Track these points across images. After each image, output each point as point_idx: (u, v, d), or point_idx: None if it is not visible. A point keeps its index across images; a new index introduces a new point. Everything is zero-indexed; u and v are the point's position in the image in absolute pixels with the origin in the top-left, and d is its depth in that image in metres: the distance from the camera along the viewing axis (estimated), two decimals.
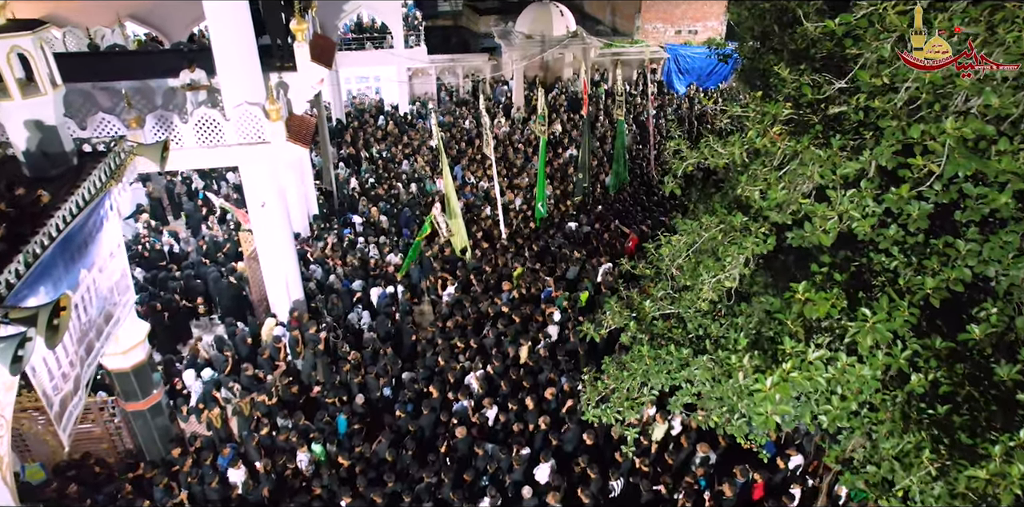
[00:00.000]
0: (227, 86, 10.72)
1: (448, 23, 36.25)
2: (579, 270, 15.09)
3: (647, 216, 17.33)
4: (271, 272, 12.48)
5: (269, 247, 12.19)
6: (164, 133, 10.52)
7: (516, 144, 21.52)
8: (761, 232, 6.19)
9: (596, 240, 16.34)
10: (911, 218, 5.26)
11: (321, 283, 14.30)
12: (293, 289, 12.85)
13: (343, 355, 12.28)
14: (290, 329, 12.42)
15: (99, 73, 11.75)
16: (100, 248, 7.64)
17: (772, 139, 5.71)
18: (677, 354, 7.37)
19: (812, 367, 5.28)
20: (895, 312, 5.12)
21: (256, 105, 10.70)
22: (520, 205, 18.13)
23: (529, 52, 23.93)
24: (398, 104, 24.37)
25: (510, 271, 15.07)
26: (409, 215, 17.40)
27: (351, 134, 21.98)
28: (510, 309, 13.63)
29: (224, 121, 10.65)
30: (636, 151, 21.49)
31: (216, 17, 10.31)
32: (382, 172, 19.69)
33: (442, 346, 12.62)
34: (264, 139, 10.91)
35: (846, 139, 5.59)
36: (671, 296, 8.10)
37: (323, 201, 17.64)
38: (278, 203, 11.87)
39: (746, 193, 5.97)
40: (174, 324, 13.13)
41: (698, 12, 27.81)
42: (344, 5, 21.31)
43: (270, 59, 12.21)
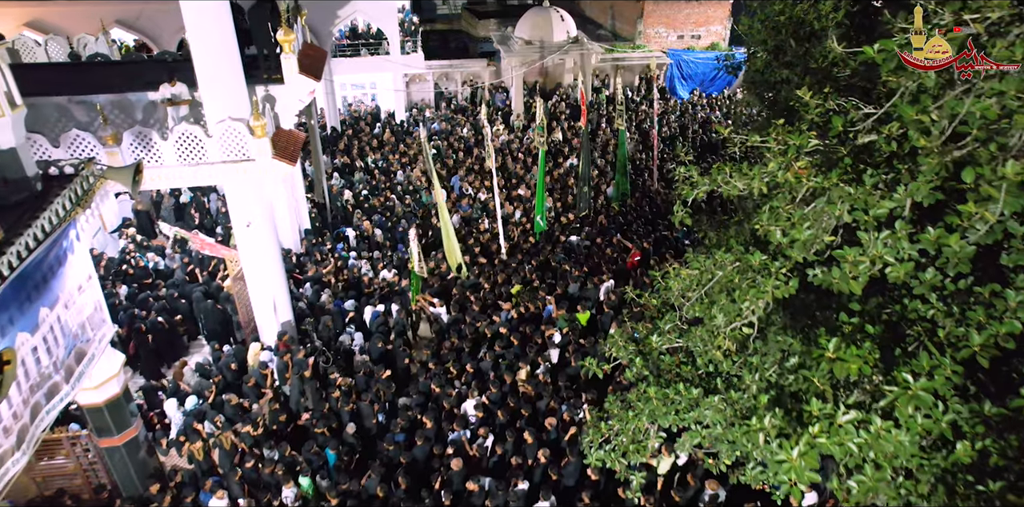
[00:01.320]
0: (209, 101, 10.16)
1: (446, 27, 35.72)
2: (580, 288, 14.54)
3: (650, 230, 16.77)
4: (258, 294, 11.92)
5: (255, 269, 11.63)
6: (143, 151, 9.97)
7: (515, 153, 20.95)
8: (781, 273, 5.63)
9: (597, 256, 15.78)
10: (950, 261, 4.71)
11: (312, 303, 13.74)
12: (282, 311, 12.29)
13: (333, 381, 11.72)
14: (279, 354, 11.85)
15: (76, 85, 11.20)
16: (65, 282, 7.08)
17: (796, 174, 5.16)
18: (687, 394, 6.83)
19: (842, 431, 4.74)
20: (937, 370, 4.57)
21: (240, 121, 10.15)
22: (520, 218, 17.57)
23: (529, 58, 23.38)
24: (394, 111, 23.80)
25: (508, 289, 14.51)
26: (405, 228, 16.84)
27: (346, 143, 21.41)
28: (508, 330, 13.08)
29: (206, 138, 10.10)
30: (638, 160, 20.91)
31: (197, 27, 9.76)
32: (377, 183, 19.12)
33: (436, 371, 12.07)
34: (248, 156, 10.36)
35: (878, 174, 5.03)
36: (679, 328, 7.57)
37: (315, 214, 17.06)
38: (265, 222, 11.31)
39: (766, 230, 5.41)
40: (158, 347, 12.58)
41: (701, 16, 27.27)
42: (339, 10, 20.75)
43: (256, 71, 11.66)
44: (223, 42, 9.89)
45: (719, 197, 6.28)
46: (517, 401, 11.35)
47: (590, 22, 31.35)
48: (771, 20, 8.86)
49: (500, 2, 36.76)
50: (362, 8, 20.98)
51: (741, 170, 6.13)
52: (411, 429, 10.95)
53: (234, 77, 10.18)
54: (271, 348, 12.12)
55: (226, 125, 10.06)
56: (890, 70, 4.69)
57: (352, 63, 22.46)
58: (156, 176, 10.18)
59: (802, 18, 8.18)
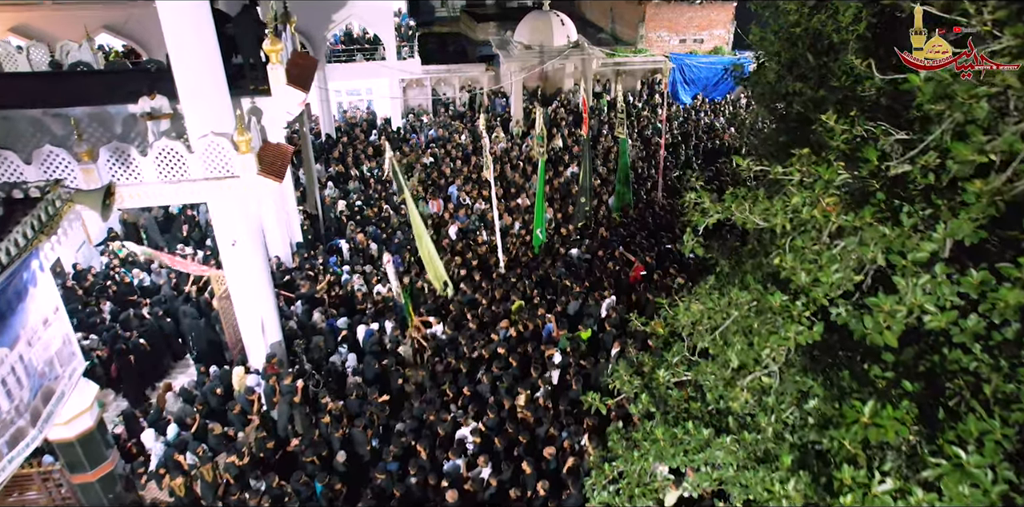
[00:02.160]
0: (191, 114, 9.65)
1: (445, 30, 35.22)
2: (581, 304, 14.03)
3: (653, 243, 16.25)
4: (245, 315, 11.40)
5: (242, 289, 11.11)
6: (120, 167, 9.45)
7: (514, 161, 20.42)
8: (805, 316, 5.11)
9: (599, 270, 15.26)
10: (995, 307, 4.19)
11: (303, 322, 13.21)
12: (270, 332, 11.77)
13: (324, 405, 11.21)
14: (265, 377, 11.33)
15: (54, 96, 10.69)
16: (27, 318, 6.57)
17: (825, 211, 4.65)
18: (696, 434, 6.33)
19: (877, 501, 4.23)
20: (986, 436, 4.05)
21: (223, 136, 9.63)
22: (519, 230, 17.05)
23: (528, 63, 22.86)
24: (390, 118, 23.27)
25: (507, 305, 13.99)
26: (400, 241, 16.33)
27: (340, 151, 20.88)
28: (507, 350, 12.56)
29: (188, 154, 9.58)
30: (640, 168, 20.36)
31: (176, 35, 9.24)
32: (372, 192, 18.59)
33: (431, 395, 11.57)
34: (233, 173, 9.84)
35: (916, 211, 4.51)
36: (688, 359, 7.06)
37: (308, 226, 16.54)
38: (251, 241, 10.79)
39: (790, 273, 4.89)
40: (141, 369, 12.06)
41: (704, 20, 26.76)
42: (333, 15, 20.24)
43: (243, 81, 11.15)
44: (205, 51, 9.38)
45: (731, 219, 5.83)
46: (516, 427, 10.84)
47: (591, 25, 30.83)
48: (785, 31, 8.35)
49: (499, 5, 36.26)
50: (357, 13, 20.47)
51: (757, 198, 5.62)
52: (405, 457, 10.45)
53: (217, 89, 9.67)
54: (258, 371, 11.59)
55: (208, 140, 9.55)
56: (931, 98, 4.18)
57: (347, 69, 21.93)
58: (135, 194, 9.66)
59: (819, 30, 7.67)
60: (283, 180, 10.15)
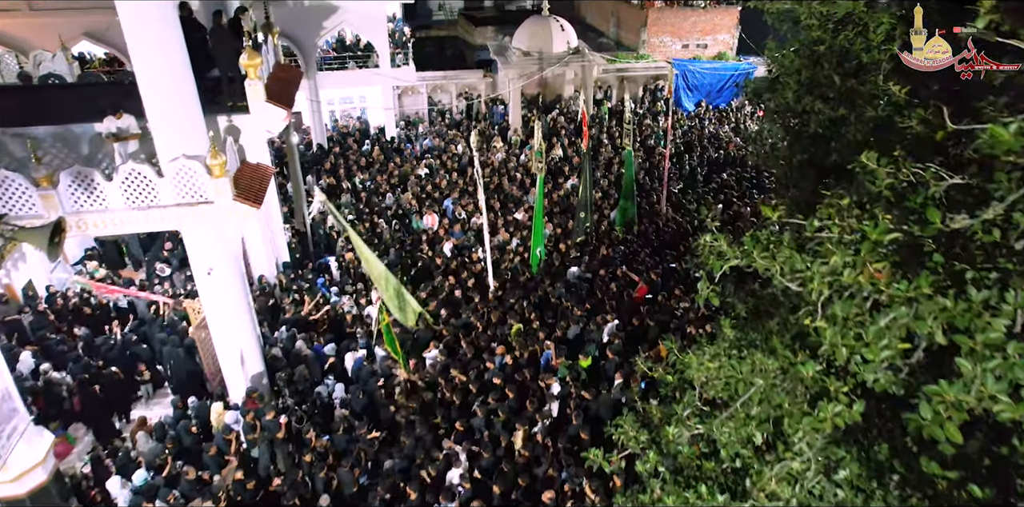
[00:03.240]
0: (160, 135, 8.93)
1: (443, 34, 34.53)
2: (582, 328, 13.30)
3: (657, 261, 15.52)
4: (224, 347, 10.69)
5: (220, 319, 10.40)
6: (83, 193, 8.72)
7: (512, 173, 19.68)
8: (843, 392, 4.40)
9: (600, 291, 14.53)
10: None
11: (287, 349, 12.48)
12: (251, 363, 11.05)
13: (309, 441, 10.50)
14: (244, 413, 10.60)
15: (16, 114, 9.98)
16: None
17: (872, 278, 3.92)
18: (709, 499, 5.60)
19: None
20: None
21: (196, 158, 8.91)
22: (516, 246, 16.31)
23: (527, 70, 22.14)
24: (384, 127, 22.52)
25: (505, 329, 13.27)
26: (393, 259, 15.59)
27: (332, 162, 20.14)
28: (502, 380, 11.83)
29: (157, 178, 8.86)
30: (643, 179, 19.58)
31: (139, 47, 8.47)
32: (364, 207, 17.85)
33: (422, 432, 10.84)
34: (206, 198, 9.12)
35: (984, 278, 3.78)
36: (700, 410, 6.33)
37: (295, 244, 15.80)
38: (229, 268, 10.07)
39: (828, 347, 4.16)
40: (109, 399, 11.32)
41: (708, 25, 26.04)
42: (324, 21, 19.51)
43: (220, 97, 10.43)
44: (173, 65, 8.64)
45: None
46: (512, 468, 10.11)
47: (591, 30, 30.11)
48: (806, 48, 7.62)
49: (498, 8, 35.55)
50: (349, 19, 19.73)
51: (782, 243, 4.92)
52: (392, 500, 9.73)
53: (188, 107, 8.95)
54: (238, 406, 10.87)
55: (180, 164, 8.84)
56: (1009, 150, 3.45)
57: (339, 77, 21.19)
58: (100, 222, 8.95)
59: (846, 48, 6.94)
60: (261, 205, 9.42)
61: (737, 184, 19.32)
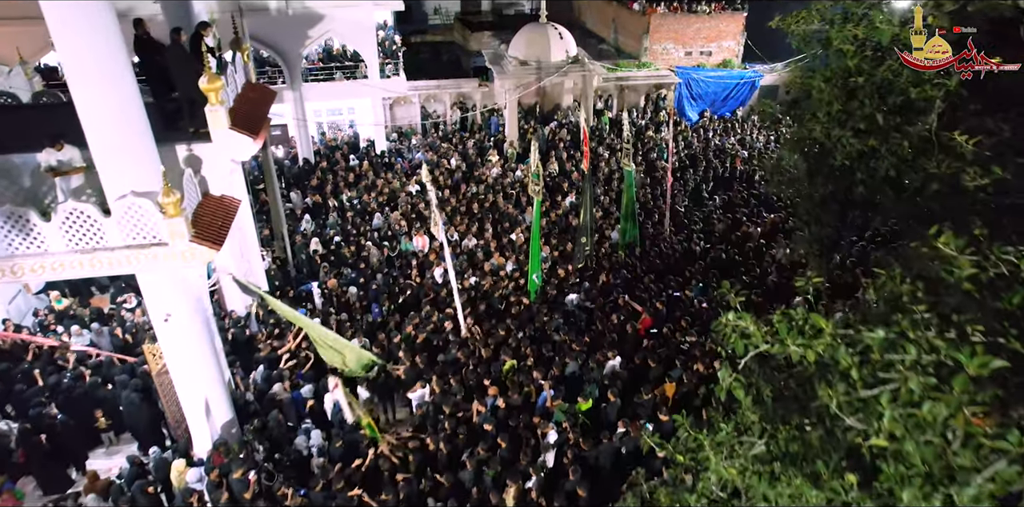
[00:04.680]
0: (105, 170, 7.92)
1: (438, 38, 33.55)
2: (581, 366, 12.31)
3: (661, 288, 14.52)
4: (187, 395, 9.70)
5: (181, 367, 9.41)
6: (19, 236, 7.74)
7: (507, 190, 18.68)
8: None
9: (601, 322, 13.54)
10: None
11: (262, 391, 11.48)
12: (218, 413, 10.06)
13: (283, 498, 9.52)
14: (208, 470, 9.60)
15: None
16: None
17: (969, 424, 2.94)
18: None
19: None
20: None
21: (147, 196, 7.92)
22: (512, 271, 15.31)
23: (523, 80, 21.14)
24: (374, 140, 21.50)
25: (498, 366, 12.28)
26: (380, 285, 14.59)
27: (319, 177, 19.12)
28: (494, 426, 10.84)
29: (103, 218, 7.87)
30: (645, 197, 18.57)
31: (74, 67, 7.46)
32: (350, 228, 16.85)
33: (404, 486, 9.85)
34: (160, 240, 8.13)
35: None
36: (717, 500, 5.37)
37: (275, 271, 14.78)
38: (191, 313, 9.08)
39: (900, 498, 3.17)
40: (58, 449, 10.31)
41: (712, 31, 25.04)
42: (309, 31, 18.51)
43: (181, 122, 9.45)
44: (118, 90, 7.61)
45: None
46: None
47: (591, 36, 29.11)
48: (840, 78, 6.63)
49: (495, 13, 34.58)
50: (335, 28, 18.71)
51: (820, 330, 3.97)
52: None
53: (137, 137, 7.94)
54: (202, 461, 9.87)
55: (128, 202, 7.84)
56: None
57: (325, 88, 20.16)
58: (39, 266, 7.96)
59: (890, 81, 5.95)
60: (221, 247, 8.43)
61: (745, 202, 18.32)
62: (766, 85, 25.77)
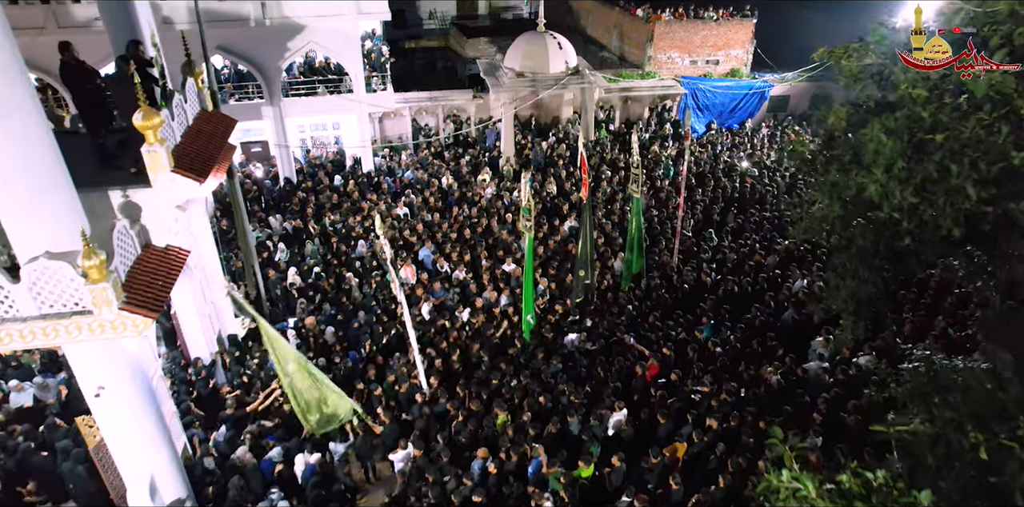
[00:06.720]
0: (12, 226, 6.65)
1: (433, 44, 32.26)
2: (582, 420, 11.04)
3: (669, 328, 13.23)
4: (129, 474, 8.42)
5: (120, 445, 8.13)
6: None
7: (502, 212, 17.36)
8: None
9: (603, 368, 12.26)
10: None
11: (224, 455, 10.21)
12: (166, 491, 8.77)
13: None
14: None
15: None
16: None
17: None
18: None
19: None
20: None
21: (65, 257, 6.65)
22: (505, 306, 14.02)
23: (520, 93, 19.84)
24: (360, 158, 20.12)
25: (490, 419, 11.02)
26: (362, 324, 13.29)
27: (300, 199, 17.80)
28: (484, 497, 9.58)
29: (10, 284, 6.59)
30: (649, 219, 17.17)
31: None
32: (330, 257, 15.55)
33: None
34: (83, 307, 6.85)
35: None
36: None
37: None
38: (129, 386, 7.79)
39: None
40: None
41: (720, 39, 23.74)
42: (288, 43, 17.19)
43: (116, 161, 8.16)
44: (15, 125, 6.33)
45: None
46: None
47: (592, 43, 27.81)
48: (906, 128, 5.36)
49: (492, 17, 33.29)
50: (317, 40, 17.37)
51: None
52: None
53: (48, 185, 6.65)
54: None
55: (39, 266, 6.56)
56: None
57: (308, 103, 18.82)
58: None
59: (979, 140, 4.68)
60: (159, 313, 7.14)
61: (758, 225, 17.01)
62: (776, 96, 24.49)
